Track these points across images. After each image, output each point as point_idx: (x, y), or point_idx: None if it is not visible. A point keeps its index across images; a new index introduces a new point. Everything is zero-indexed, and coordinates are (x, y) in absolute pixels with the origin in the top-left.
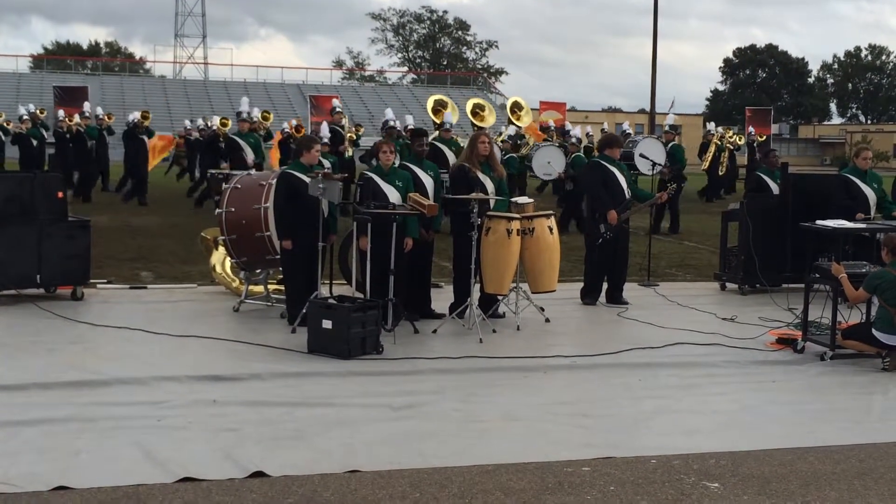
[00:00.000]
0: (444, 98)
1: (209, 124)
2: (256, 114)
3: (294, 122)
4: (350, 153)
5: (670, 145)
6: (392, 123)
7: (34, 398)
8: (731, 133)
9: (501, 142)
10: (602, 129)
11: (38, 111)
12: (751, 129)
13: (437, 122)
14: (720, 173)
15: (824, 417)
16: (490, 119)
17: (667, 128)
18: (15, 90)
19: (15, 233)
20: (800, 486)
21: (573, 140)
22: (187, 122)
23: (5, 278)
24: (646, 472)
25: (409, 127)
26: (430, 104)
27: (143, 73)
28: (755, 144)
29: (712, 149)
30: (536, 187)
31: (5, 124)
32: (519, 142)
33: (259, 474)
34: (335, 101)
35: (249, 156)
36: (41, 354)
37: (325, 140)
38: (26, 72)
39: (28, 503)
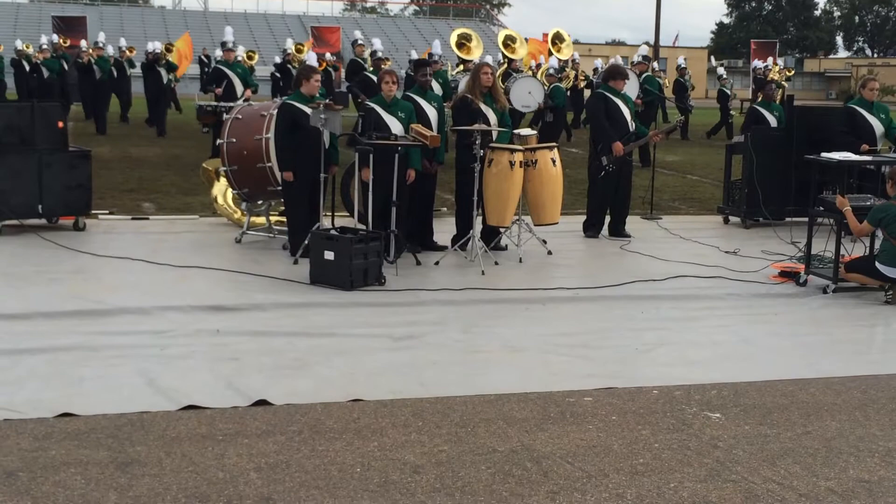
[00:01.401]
0: (469, 31)
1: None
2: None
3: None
4: None
5: (643, 76)
6: (380, 55)
7: (38, 327)
8: (777, 69)
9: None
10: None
11: (60, 41)
12: (780, 63)
13: (462, 56)
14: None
15: (826, 349)
16: (521, 52)
17: (639, 58)
18: (13, 20)
19: (15, 163)
20: (801, 417)
21: (551, 71)
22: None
23: (7, 208)
24: (647, 403)
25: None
26: (453, 38)
27: (143, 3)
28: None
29: None
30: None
31: (36, 56)
32: (559, 74)
33: (262, 403)
34: (357, 34)
35: (238, 86)
36: (44, 284)
37: None
38: (24, 2)
39: (34, 429)
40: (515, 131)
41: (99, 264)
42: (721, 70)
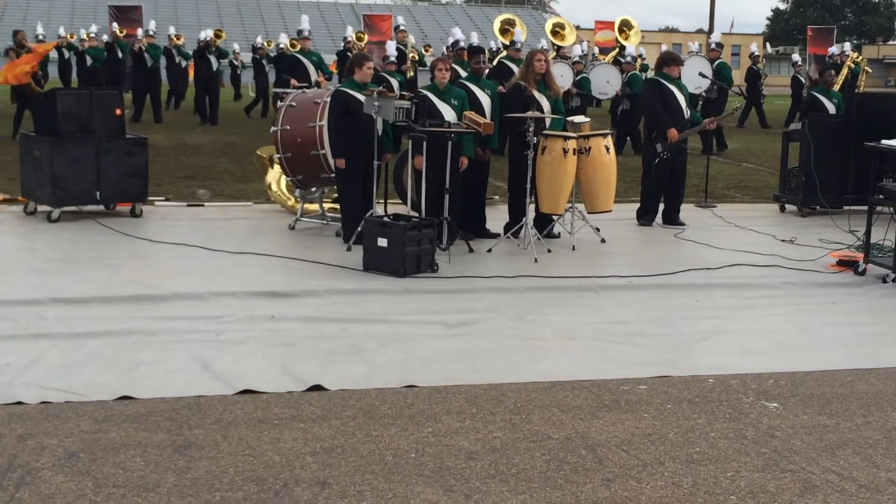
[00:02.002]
0: (512, 17)
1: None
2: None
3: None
4: (412, 73)
5: (716, 63)
6: (462, 44)
7: (96, 312)
8: (855, 55)
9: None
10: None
11: (117, 31)
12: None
13: (506, 42)
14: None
15: (885, 339)
16: (570, 38)
17: (713, 45)
18: (70, 9)
19: (73, 150)
20: (860, 407)
21: (628, 59)
22: (258, 39)
23: (66, 195)
24: (703, 391)
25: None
26: (496, 25)
27: None
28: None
29: (845, 71)
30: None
31: (83, 43)
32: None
33: (317, 388)
34: (399, 19)
35: (313, 73)
36: (102, 269)
37: (392, 59)
38: None
39: (94, 411)
40: (569, 118)
41: (155, 250)
42: (796, 56)
